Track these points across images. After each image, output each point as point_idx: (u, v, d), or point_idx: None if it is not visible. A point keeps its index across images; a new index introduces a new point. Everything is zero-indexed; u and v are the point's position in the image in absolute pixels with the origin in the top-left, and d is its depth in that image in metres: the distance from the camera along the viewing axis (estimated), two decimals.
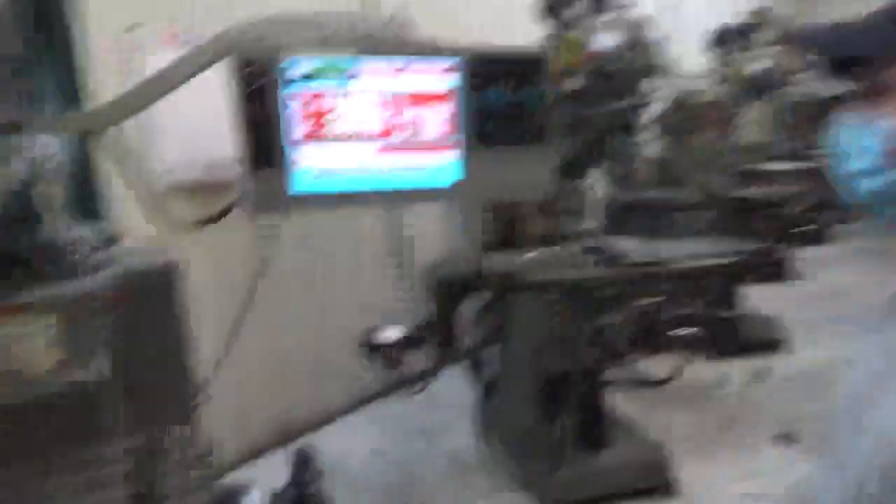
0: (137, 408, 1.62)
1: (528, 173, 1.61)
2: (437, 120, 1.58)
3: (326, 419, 3.53)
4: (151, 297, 1.69)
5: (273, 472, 3.06)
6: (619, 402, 3.19)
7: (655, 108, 3.59)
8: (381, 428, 3.45)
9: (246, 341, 3.09)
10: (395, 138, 1.57)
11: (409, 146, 1.58)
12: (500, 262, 2.40)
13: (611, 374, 2.77)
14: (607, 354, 2.44)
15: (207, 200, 2.28)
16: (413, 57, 1.52)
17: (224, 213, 1.64)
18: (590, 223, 2.95)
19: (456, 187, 1.56)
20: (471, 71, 1.60)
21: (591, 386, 2.76)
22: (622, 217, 3.26)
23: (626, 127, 2.60)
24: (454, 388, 3.68)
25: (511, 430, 3.06)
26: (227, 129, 1.45)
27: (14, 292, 1.24)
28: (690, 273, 2.30)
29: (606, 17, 2.62)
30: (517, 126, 1.58)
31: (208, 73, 1.41)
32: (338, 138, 1.50)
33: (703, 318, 2.29)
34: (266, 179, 1.44)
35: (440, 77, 1.58)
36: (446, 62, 1.56)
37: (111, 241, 1.51)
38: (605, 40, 2.53)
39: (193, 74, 1.38)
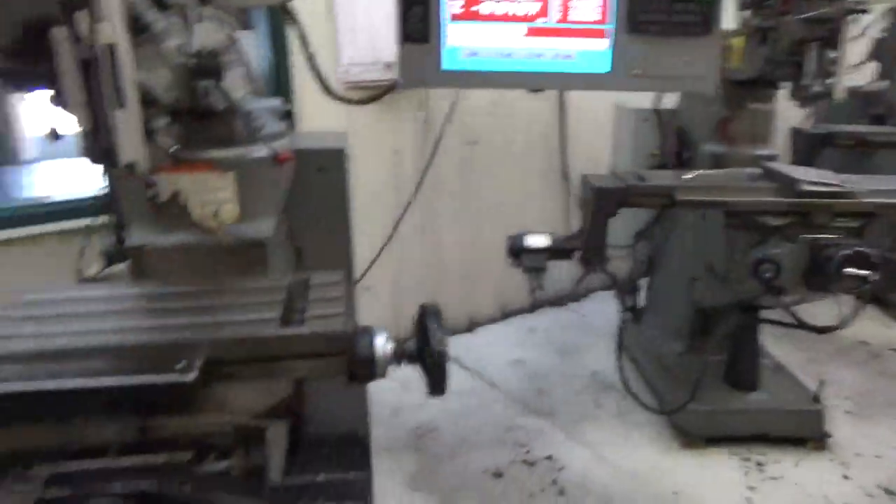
0: (298, 264, 1.82)
1: (688, 67, 1.50)
2: (591, 4, 1.50)
3: (472, 325, 3.68)
4: (319, 173, 1.85)
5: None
6: (776, 346, 2.99)
7: (871, 21, 3.11)
8: (526, 340, 3.53)
9: (405, 237, 3.29)
10: (546, 21, 1.53)
11: (558, 30, 1.53)
12: (661, 177, 2.29)
13: (770, 313, 2.58)
14: (768, 290, 2.26)
15: (374, 94, 2.41)
16: None
17: (385, 91, 1.71)
18: (771, 150, 2.69)
19: (605, 76, 1.50)
20: None
21: (746, 323, 2.60)
22: (812, 150, 2.93)
23: (829, 40, 2.29)
24: (603, 311, 3.67)
25: (655, 358, 2.99)
26: None
27: (203, 150, 1.42)
28: (879, 209, 2.04)
29: None
30: (679, 15, 1.47)
31: None
32: (489, 18, 1.50)
33: (884, 261, 2.02)
34: (419, 55, 1.49)
35: None
36: None
37: (289, 116, 1.65)
38: None
39: None
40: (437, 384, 1.12)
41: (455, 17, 1.51)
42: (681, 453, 2.55)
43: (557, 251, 2.31)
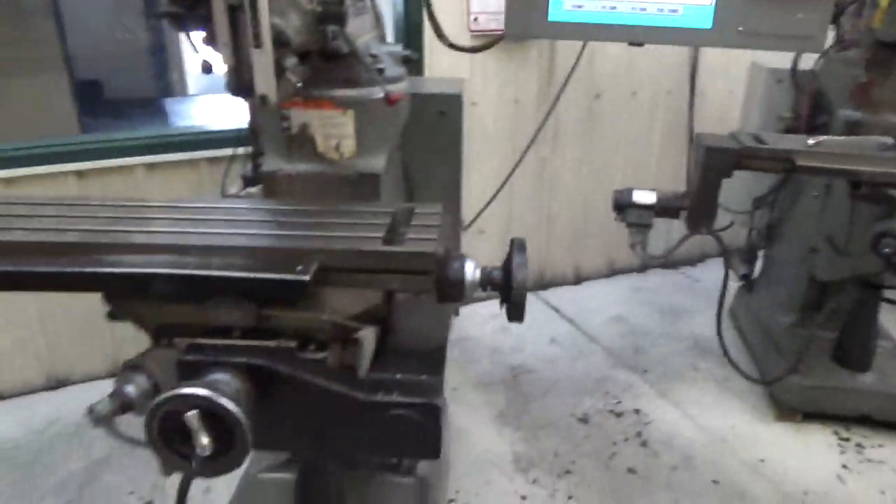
0: (410, 197, 1.97)
1: (796, 26, 1.44)
2: None
3: (579, 278, 3.73)
4: (437, 117, 1.98)
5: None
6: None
7: None
8: (630, 298, 3.54)
9: (520, 186, 3.37)
10: None
11: None
12: (783, 141, 2.20)
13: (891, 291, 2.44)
14: (889, 266, 2.13)
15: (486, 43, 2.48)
16: None
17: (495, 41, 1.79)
18: None
19: (707, 32, 1.49)
20: None
21: (863, 300, 2.47)
22: None
23: None
24: (716, 278, 3.57)
25: (762, 329, 2.91)
26: None
27: (329, 89, 1.58)
28: None
29: None
30: None
31: None
32: None
33: None
34: (526, 6, 1.55)
35: None
36: None
37: (408, 61, 1.78)
38: None
39: None
40: (515, 312, 1.23)
41: None
42: (775, 424, 2.51)
43: (664, 209, 2.30)
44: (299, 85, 1.21)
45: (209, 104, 6.73)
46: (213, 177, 2.63)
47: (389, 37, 3.03)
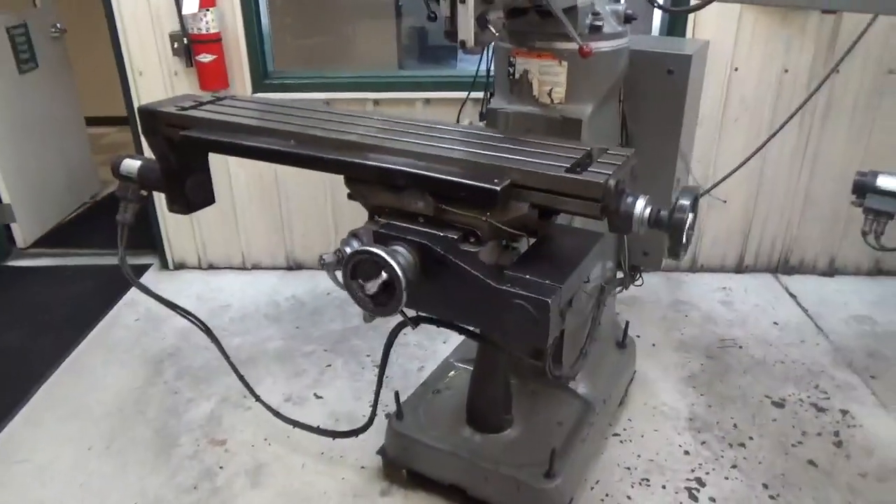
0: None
1: None
2: None
3: (833, 270, 3.41)
4: (666, 75, 2.06)
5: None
6: None
7: None
8: (889, 302, 3.15)
9: (776, 161, 3.19)
10: None
11: None
12: None
13: None
14: None
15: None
16: None
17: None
18: None
19: None
20: None
21: None
22: None
23: None
24: None
25: None
26: None
27: (547, 41, 1.81)
28: None
29: None
30: None
31: None
32: None
33: None
34: None
35: None
36: None
37: (629, 19, 1.91)
38: None
39: None
40: (673, 248, 1.37)
41: None
42: None
43: None
44: (496, 34, 1.47)
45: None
46: (473, 110, 3.05)
47: None
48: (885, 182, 2.12)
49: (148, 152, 1.83)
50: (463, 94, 3.13)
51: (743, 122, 3.15)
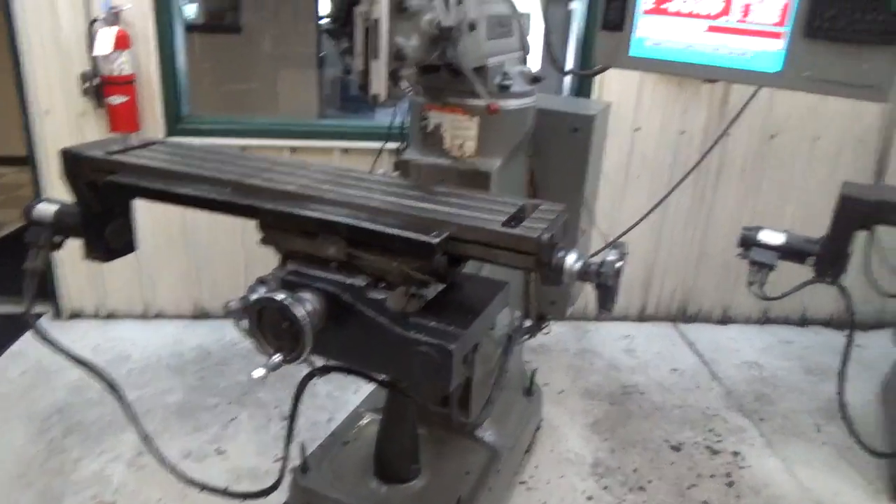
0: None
1: (862, 75, 1.41)
2: (772, 6, 1.51)
3: (726, 319, 3.64)
4: (571, 133, 2.18)
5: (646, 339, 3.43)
6: None
7: None
8: (776, 349, 3.38)
9: (673, 216, 3.40)
10: (727, 20, 1.60)
11: (737, 29, 1.60)
12: None
13: None
14: None
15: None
16: None
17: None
18: None
19: (775, 75, 1.51)
20: None
21: None
22: None
23: None
24: (886, 347, 3.26)
25: None
26: None
27: (458, 97, 1.89)
28: None
29: None
30: (860, 23, 1.39)
31: None
32: (676, 14, 1.63)
33: None
34: (613, 41, 1.72)
35: None
36: None
37: (536, 80, 2.03)
38: None
39: None
40: (603, 301, 1.42)
41: (647, 12, 1.69)
42: None
43: (791, 252, 2.27)
44: (409, 90, 1.53)
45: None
46: (366, 163, 3.10)
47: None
48: (766, 237, 2.30)
49: (53, 194, 1.74)
50: (380, 144, 3.21)
51: (644, 179, 3.36)
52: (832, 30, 1.45)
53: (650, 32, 1.73)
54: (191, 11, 5.64)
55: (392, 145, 3.06)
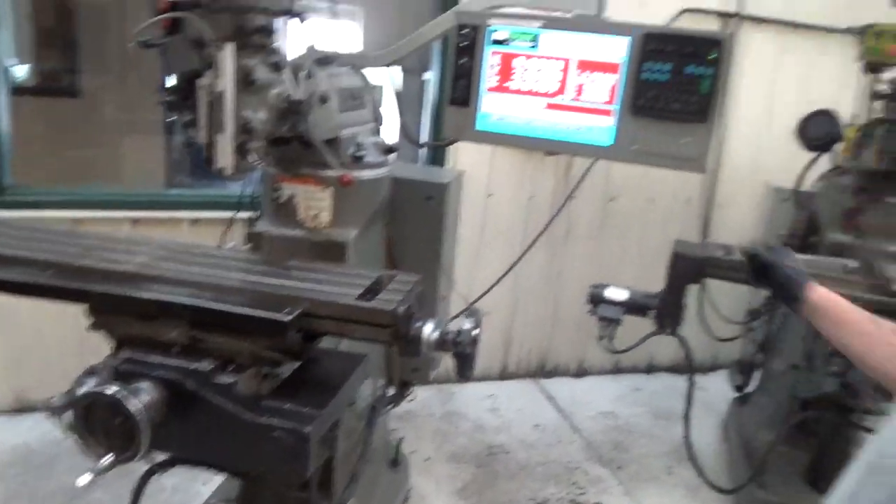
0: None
1: (682, 148, 1.63)
2: (602, 87, 1.73)
3: (581, 372, 3.81)
4: (425, 201, 2.21)
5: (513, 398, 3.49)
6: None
7: None
8: (627, 397, 3.58)
9: (527, 277, 3.55)
10: (563, 98, 1.79)
11: (572, 107, 1.79)
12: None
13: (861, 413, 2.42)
14: (842, 386, 2.16)
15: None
16: (591, 32, 1.72)
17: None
18: None
19: (608, 148, 1.71)
20: (640, 47, 1.74)
21: (835, 421, 2.46)
22: None
23: None
24: (724, 387, 3.56)
25: (745, 443, 2.90)
26: None
27: (311, 168, 1.87)
28: None
29: None
30: (677, 103, 1.63)
31: None
32: (517, 92, 1.80)
33: None
34: (460, 116, 1.82)
35: (613, 50, 1.78)
36: (620, 38, 1.76)
37: (390, 150, 2.06)
38: None
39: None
40: (462, 370, 1.41)
41: (490, 89, 1.85)
42: None
43: (634, 306, 2.44)
44: (257, 163, 1.49)
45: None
46: (214, 235, 2.97)
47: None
48: (611, 293, 2.45)
49: None
50: (231, 214, 3.07)
51: (499, 243, 3.50)
52: (654, 109, 1.64)
53: (494, 108, 1.85)
54: (21, 72, 5.20)
55: (244, 215, 2.96)
